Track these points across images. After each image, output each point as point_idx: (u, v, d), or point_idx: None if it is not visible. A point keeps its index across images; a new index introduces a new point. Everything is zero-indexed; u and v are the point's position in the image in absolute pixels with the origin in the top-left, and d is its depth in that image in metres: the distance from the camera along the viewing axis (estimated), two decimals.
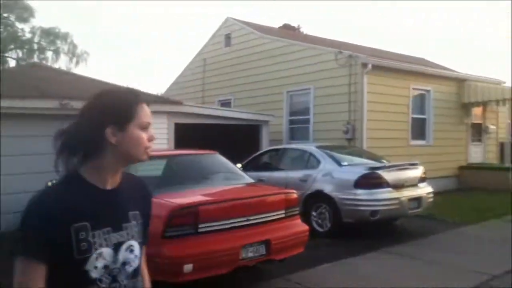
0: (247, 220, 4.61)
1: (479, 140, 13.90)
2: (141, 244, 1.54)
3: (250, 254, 4.52)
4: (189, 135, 9.42)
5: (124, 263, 1.46)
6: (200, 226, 4.31)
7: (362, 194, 6.73)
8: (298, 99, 12.00)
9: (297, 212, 5.15)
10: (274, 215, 4.83)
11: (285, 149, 8.41)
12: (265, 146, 10.63)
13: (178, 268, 4.09)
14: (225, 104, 13.84)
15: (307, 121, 11.54)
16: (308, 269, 5.51)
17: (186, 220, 4.26)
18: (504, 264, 5.52)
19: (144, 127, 1.48)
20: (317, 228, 7.11)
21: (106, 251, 1.41)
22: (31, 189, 7.30)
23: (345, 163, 7.32)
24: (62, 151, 1.47)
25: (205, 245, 4.26)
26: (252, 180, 5.72)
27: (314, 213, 7.22)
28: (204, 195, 4.82)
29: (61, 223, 1.34)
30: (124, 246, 1.46)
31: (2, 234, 7.18)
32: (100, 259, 1.39)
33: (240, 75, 13.41)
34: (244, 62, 13.30)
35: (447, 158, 12.40)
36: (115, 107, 1.46)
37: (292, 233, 4.90)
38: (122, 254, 1.46)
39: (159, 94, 16.46)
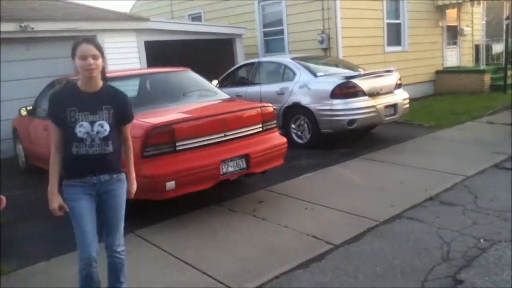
0: (225, 135, 4.61)
1: (455, 43, 13.86)
2: (111, 125, 2.67)
3: (231, 169, 4.57)
4: (160, 52, 9.08)
5: (98, 132, 2.64)
6: (177, 144, 4.30)
7: (338, 104, 6.74)
8: (270, 10, 11.53)
9: (274, 126, 5.15)
10: (251, 130, 4.84)
11: (260, 63, 8.22)
12: (240, 60, 10.39)
13: (160, 186, 4.14)
14: (196, 18, 13.24)
15: (281, 33, 11.19)
16: (290, 179, 5.67)
17: (163, 139, 4.23)
18: (477, 165, 5.74)
19: (82, 58, 2.56)
20: (297, 140, 7.20)
21: (86, 124, 2.62)
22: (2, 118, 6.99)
23: (321, 74, 7.24)
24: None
25: (185, 162, 4.29)
26: (227, 96, 5.63)
27: (293, 125, 7.26)
28: (179, 113, 4.73)
29: (62, 107, 2.62)
30: (97, 123, 2.64)
31: None
32: (82, 128, 2.61)
33: None
34: None
35: (423, 63, 12.40)
36: (72, 47, 2.62)
37: (270, 146, 4.94)
38: (96, 127, 2.63)
39: (126, 12, 15.57)
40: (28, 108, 6.38)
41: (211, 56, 10.58)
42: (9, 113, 7.41)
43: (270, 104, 5.18)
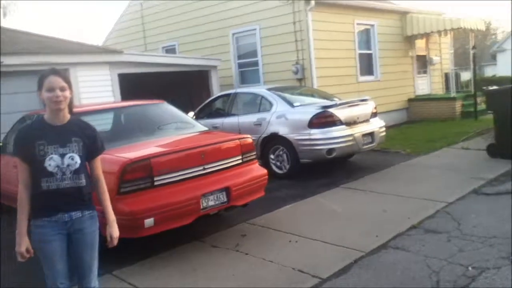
0: (204, 168, 4.49)
1: (425, 72, 14.24)
2: (81, 157, 2.62)
3: (211, 203, 4.44)
4: (135, 85, 8.98)
5: (68, 165, 2.57)
6: (155, 179, 4.15)
7: (316, 133, 6.73)
8: (244, 41, 11.64)
9: (254, 157, 5.07)
10: (231, 162, 4.73)
11: (236, 94, 8.21)
12: (216, 92, 10.36)
13: (139, 223, 3.96)
14: (170, 50, 13.23)
15: (256, 64, 11.28)
16: (271, 211, 5.55)
17: (140, 174, 4.07)
18: (457, 191, 5.75)
19: (49, 90, 2.54)
20: (276, 170, 7.12)
21: (56, 157, 2.55)
22: None
23: (297, 104, 7.25)
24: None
25: (164, 197, 4.13)
26: (204, 128, 5.54)
27: (272, 156, 7.20)
28: (156, 146, 4.60)
29: (30, 141, 2.54)
30: (67, 156, 2.58)
31: None
32: (52, 161, 2.53)
33: (182, 18, 12.69)
34: (185, 4, 12.57)
35: (395, 92, 12.65)
36: (38, 80, 2.58)
37: (251, 178, 4.84)
38: (66, 160, 2.57)
39: (99, 45, 15.48)
40: None
41: (186, 88, 10.55)
42: None
43: (249, 135, 5.11)
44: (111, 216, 2.74)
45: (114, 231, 2.73)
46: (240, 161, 4.83)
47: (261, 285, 3.66)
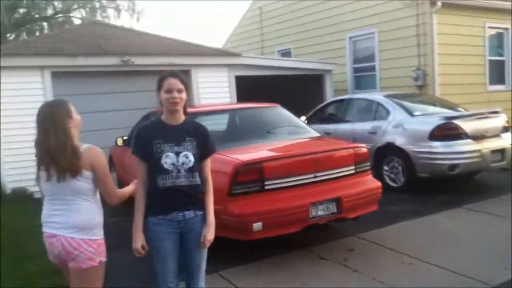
0: (315, 176, 4.36)
1: None
2: (195, 156, 2.66)
3: (321, 213, 4.29)
4: (250, 88, 9.16)
5: (183, 163, 2.62)
6: (266, 183, 4.12)
7: (438, 146, 6.21)
8: (361, 45, 11.27)
9: (368, 168, 4.81)
10: (343, 171, 4.54)
11: (351, 100, 7.94)
12: (329, 97, 10.18)
13: (247, 226, 3.96)
14: (285, 54, 13.33)
15: (372, 68, 10.85)
16: (383, 227, 5.22)
17: (252, 176, 4.08)
18: None
19: (167, 91, 2.61)
20: (390, 183, 6.71)
21: (171, 155, 2.61)
22: (98, 147, 7.43)
23: (418, 113, 6.76)
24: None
25: (273, 202, 4.09)
26: (317, 134, 5.40)
27: (386, 167, 6.81)
28: (269, 150, 4.58)
29: (148, 140, 2.62)
30: (182, 154, 2.63)
31: None
32: (168, 158, 2.60)
33: (298, 22, 12.70)
34: (302, 8, 12.55)
35: None
36: (158, 81, 2.67)
37: (364, 190, 4.59)
38: (181, 158, 2.62)
39: (219, 48, 16.18)
40: (124, 138, 6.64)
41: (299, 91, 10.50)
42: (107, 142, 7.78)
43: (364, 145, 4.86)
44: (211, 218, 2.70)
45: (210, 234, 2.67)
46: (353, 171, 4.61)
47: None
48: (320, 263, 4.29)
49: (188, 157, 2.61)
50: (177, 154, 2.59)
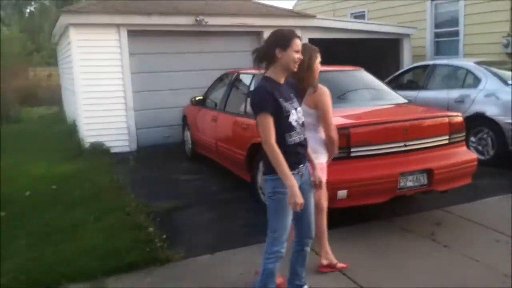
0: (405, 145, 4.09)
1: None
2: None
3: (409, 184, 4.04)
4: (322, 52, 8.77)
5: (299, 118, 2.70)
6: (352, 150, 3.91)
7: None
8: (444, 9, 10.43)
9: (463, 139, 4.46)
10: (436, 141, 4.23)
11: (435, 66, 7.38)
12: (406, 63, 9.61)
13: (331, 194, 3.77)
14: (359, 17, 12.68)
15: (455, 34, 10.04)
16: (471, 201, 4.87)
17: (339, 143, 3.85)
18: None
19: (296, 51, 2.60)
20: (477, 155, 6.23)
21: (294, 112, 2.66)
22: (167, 106, 7.52)
23: None
24: (254, 60, 2.70)
25: (360, 171, 3.89)
26: (405, 100, 5.07)
27: (472, 139, 6.33)
28: (356, 116, 4.33)
29: (274, 99, 2.57)
30: (297, 110, 2.70)
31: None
32: (293, 116, 2.64)
33: None
34: None
35: None
36: (282, 38, 2.60)
37: (458, 162, 4.27)
38: (298, 114, 2.69)
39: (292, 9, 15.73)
40: (198, 98, 6.61)
41: (375, 57, 9.97)
42: (180, 101, 7.83)
43: (459, 113, 4.49)
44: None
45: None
46: (447, 141, 4.28)
47: (470, 286, 3.19)
48: (405, 236, 4.08)
49: (301, 112, 2.74)
50: (296, 110, 2.68)
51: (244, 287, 3.21)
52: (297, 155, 2.66)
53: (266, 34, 8.44)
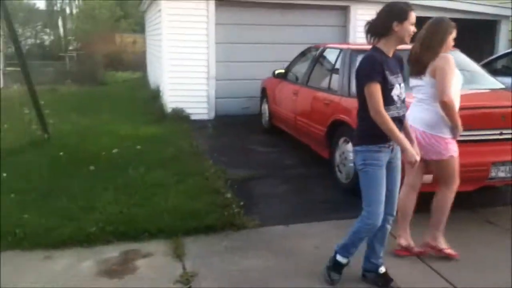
0: (501, 133, 3.82)
1: None
2: (404, 87, 2.76)
3: (501, 174, 3.79)
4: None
5: (401, 94, 2.71)
6: None
7: None
8: None
9: None
10: None
11: None
12: (502, 47, 8.89)
13: None
14: None
15: None
16: None
17: None
18: None
19: (412, 24, 2.60)
20: None
21: (397, 86, 2.68)
22: (247, 77, 7.59)
23: None
24: (367, 33, 2.72)
25: None
26: (501, 85, 4.72)
27: None
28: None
29: (382, 70, 2.60)
30: (401, 85, 2.71)
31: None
32: (396, 90, 2.67)
33: None
34: None
35: None
36: (399, 11, 2.60)
37: None
38: (400, 89, 2.70)
39: None
40: (280, 71, 6.59)
41: (464, 39, 9.30)
42: (260, 73, 7.87)
43: None
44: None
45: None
46: None
47: None
48: (488, 228, 3.88)
49: (404, 88, 2.74)
50: (400, 85, 2.70)
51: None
52: None
53: (353, 9, 8.37)
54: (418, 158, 2.65)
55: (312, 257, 3.30)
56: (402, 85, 2.71)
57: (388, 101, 2.63)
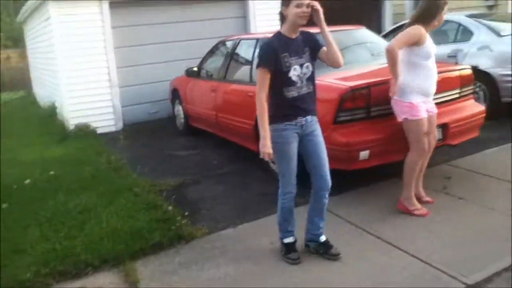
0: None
1: None
2: (313, 65, 2.93)
3: None
4: None
5: (305, 73, 2.89)
6: (372, 109, 3.85)
7: None
8: None
9: (471, 91, 4.49)
10: (449, 95, 4.22)
11: None
12: (388, 24, 9.53)
13: (353, 155, 3.76)
14: None
15: None
16: (472, 154, 4.96)
17: (358, 103, 3.81)
18: None
19: (298, 6, 2.76)
20: None
21: (297, 67, 2.86)
22: (153, 80, 7.19)
23: (506, 33, 6.20)
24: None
25: (380, 130, 3.84)
26: None
27: None
28: (372, 74, 4.24)
29: (276, 53, 2.81)
30: (304, 65, 2.88)
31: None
32: (295, 71, 2.85)
33: None
34: None
35: None
36: None
37: (469, 115, 4.30)
38: (304, 69, 2.88)
39: None
40: (192, 69, 6.37)
41: (354, 17, 9.83)
42: (166, 75, 7.56)
43: (468, 66, 4.49)
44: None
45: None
46: (458, 95, 4.29)
47: (491, 235, 3.25)
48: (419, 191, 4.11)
49: (309, 67, 2.90)
50: (301, 66, 2.86)
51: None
52: (294, 108, 2.88)
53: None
54: (269, 150, 2.83)
55: (271, 254, 3.24)
56: (307, 64, 2.87)
57: (288, 82, 2.84)
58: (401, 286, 2.74)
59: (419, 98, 3.49)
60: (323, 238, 3.15)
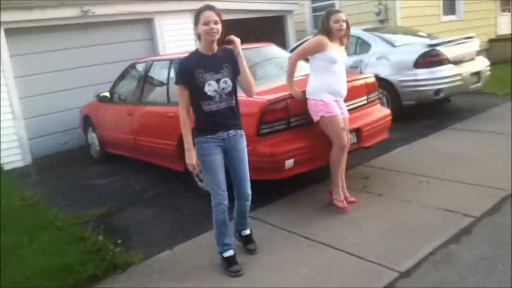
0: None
1: (508, 10, 13.25)
2: (232, 80, 3.01)
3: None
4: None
5: (223, 88, 2.97)
6: (292, 120, 4.05)
7: (423, 73, 6.41)
8: None
9: (377, 97, 4.89)
10: (359, 102, 4.57)
11: None
12: (292, 40, 10.04)
13: (279, 165, 3.90)
14: None
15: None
16: (384, 154, 5.39)
17: (278, 115, 3.98)
18: None
19: (205, 24, 2.85)
20: None
21: (213, 82, 2.93)
22: (60, 109, 6.83)
23: (399, 44, 6.88)
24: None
25: (301, 139, 4.04)
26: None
27: None
28: (286, 88, 4.43)
29: (188, 70, 2.92)
30: (221, 80, 2.96)
31: None
32: (210, 86, 2.93)
33: None
34: None
35: (477, 31, 11.78)
36: (195, 16, 2.91)
37: (377, 119, 4.67)
38: (221, 84, 2.96)
39: None
40: (103, 94, 6.17)
41: (262, 36, 10.22)
42: (74, 102, 7.24)
43: (372, 74, 4.89)
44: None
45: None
46: (366, 101, 4.66)
47: (412, 225, 3.55)
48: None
49: (227, 83, 2.98)
50: (218, 81, 2.94)
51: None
52: (213, 122, 2.98)
53: (157, 20, 8.33)
54: (193, 162, 2.99)
55: (212, 270, 3.23)
56: (225, 79, 2.96)
57: (203, 97, 2.94)
58: (341, 282, 2.89)
59: (330, 97, 3.83)
60: (246, 232, 3.41)
